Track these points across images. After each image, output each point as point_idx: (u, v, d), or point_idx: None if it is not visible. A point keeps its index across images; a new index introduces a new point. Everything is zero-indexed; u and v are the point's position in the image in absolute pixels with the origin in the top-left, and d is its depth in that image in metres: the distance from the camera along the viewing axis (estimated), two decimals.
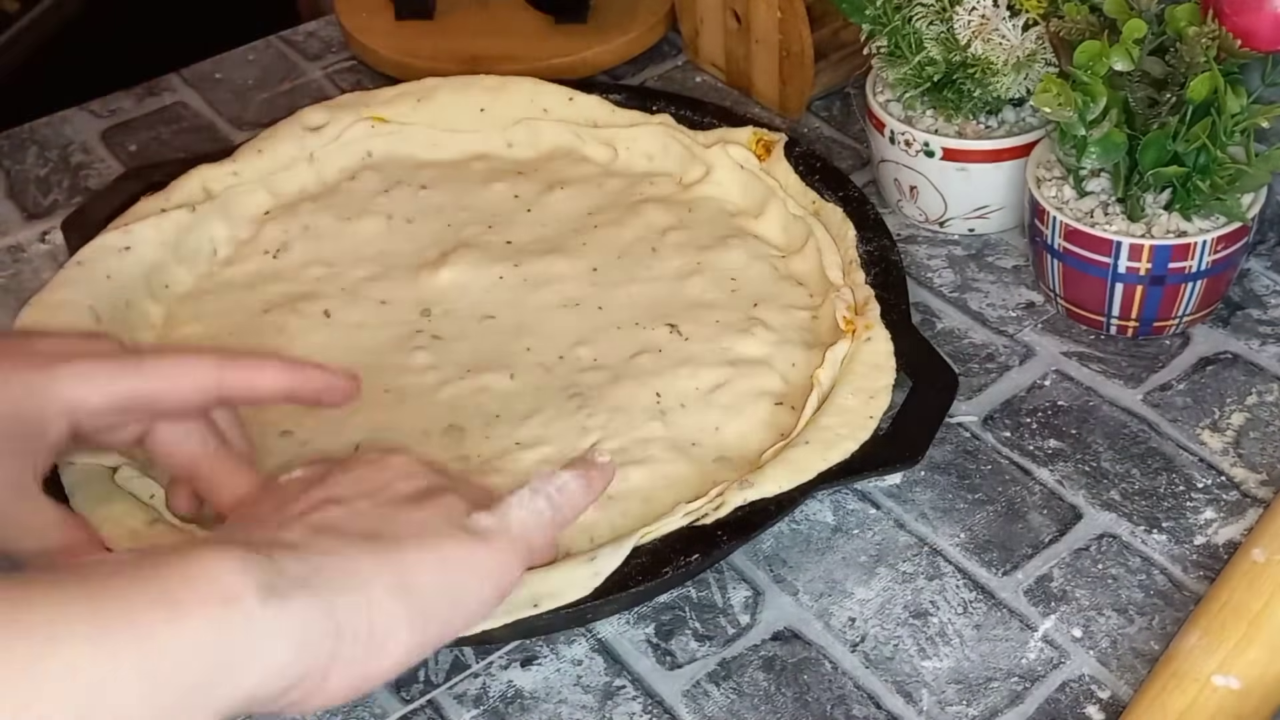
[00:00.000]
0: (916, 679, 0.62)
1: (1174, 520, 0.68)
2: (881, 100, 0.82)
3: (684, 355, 0.73)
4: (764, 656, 0.64)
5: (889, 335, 0.71)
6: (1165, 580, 0.65)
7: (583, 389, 0.72)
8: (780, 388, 0.71)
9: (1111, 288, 0.74)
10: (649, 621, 0.65)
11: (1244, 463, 0.70)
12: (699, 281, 0.78)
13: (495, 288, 0.78)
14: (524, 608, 0.59)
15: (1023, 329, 0.78)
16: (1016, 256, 0.82)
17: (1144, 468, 0.70)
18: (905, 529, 0.68)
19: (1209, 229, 0.72)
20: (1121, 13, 0.69)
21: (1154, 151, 0.70)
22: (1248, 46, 0.67)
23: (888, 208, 0.85)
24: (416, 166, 0.87)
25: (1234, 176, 0.70)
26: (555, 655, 0.65)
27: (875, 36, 0.80)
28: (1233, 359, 0.75)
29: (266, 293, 0.79)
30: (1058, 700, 0.61)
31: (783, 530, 0.69)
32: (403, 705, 0.63)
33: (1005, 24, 0.75)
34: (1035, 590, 0.65)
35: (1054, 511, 0.69)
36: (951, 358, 0.75)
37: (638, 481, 0.67)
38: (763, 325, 0.74)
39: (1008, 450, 0.72)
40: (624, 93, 0.90)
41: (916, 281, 0.81)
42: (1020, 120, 0.81)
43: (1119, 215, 0.73)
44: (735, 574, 0.67)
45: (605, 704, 0.62)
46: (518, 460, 0.68)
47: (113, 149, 0.97)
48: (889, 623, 0.64)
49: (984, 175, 0.80)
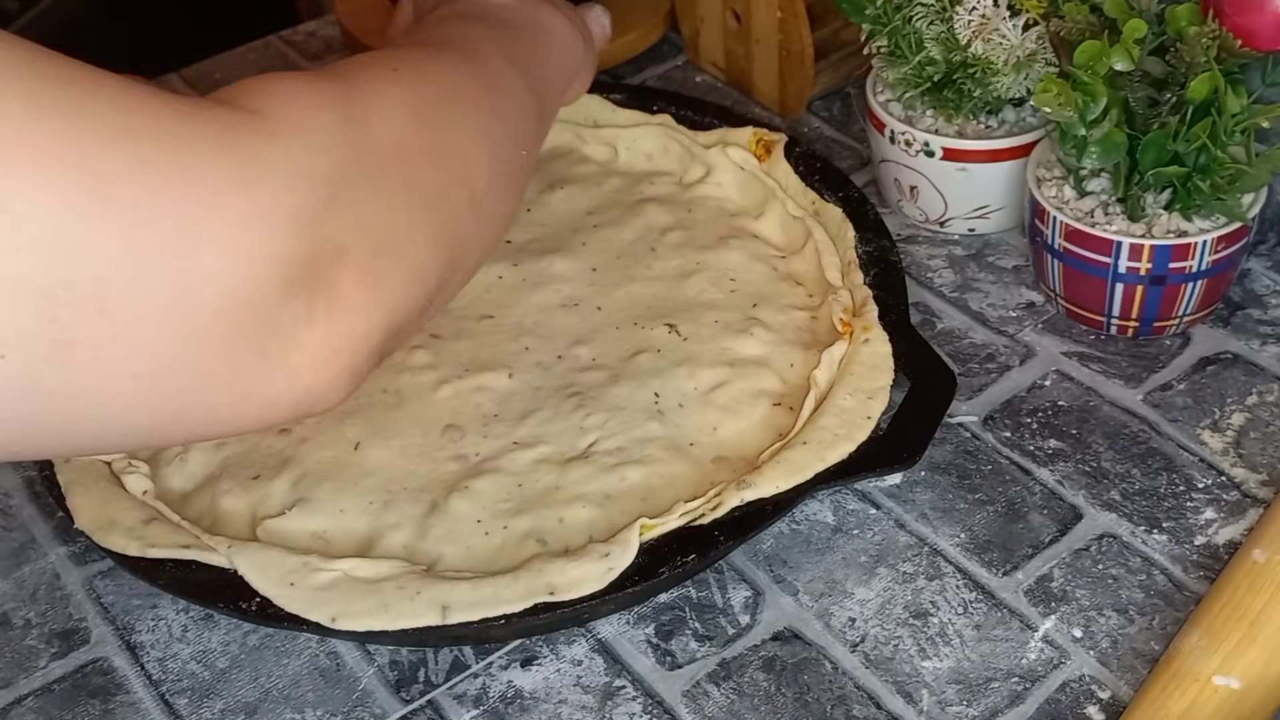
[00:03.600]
0: (917, 679, 0.62)
1: (1174, 520, 0.68)
2: (881, 100, 0.82)
3: (683, 355, 0.73)
4: (764, 657, 0.64)
5: (887, 336, 0.71)
6: (1165, 580, 0.65)
7: (581, 389, 0.72)
8: (779, 388, 0.71)
9: (1112, 288, 0.74)
10: (649, 622, 0.65)
11: (1244, 463, 0.70)
12: (698, 281, 0.77)
13: (494, 287, 0.78)
14: (540, 594, 0.60)
15: (1023, 329, 0.78)
16: (1016, 256, 0.82)
17: (1144, 468, 0.70)
18: (905, 529, 0.68)
19: (1209, 229, 0.72)
20: (1122, 13, 0.69)
21: (1154, 151, 0.70)
22: (1248, 46, 0.67)
23: (888, 208, 0.85)
24: None
25: (1234, 176, 0.70)
26: (555, 655, 0.65)
27: (875, 36, 0.80)
28: (1233, 359, 0.75)
29: None
30: (1058, 700, 0.61)
31: (783, 530, 0.68)
32: (403, 705, 0.63)
33: (1005, 24, 0.75)
34: (1035, 590, 0.65)
35: (1054, 511, 0.68)
36: (952, 358, 0.75)
37: (636, 481, 0.67)
38: (761, 325, 0.74)
39: (1008, 450, 0.71)
40: (624, 92, 0.90)
41: (917, 281, 0.81)
42: (1020, 120, 0.81)
43: (1119, 215, 0.73)
44: (735, 574, 0.67)
45: (605, 704, 0.62)
46: (516, 460, 0.68)
47: None
48: (889, 623, 0.64)
49: (984, 175, 0.80)
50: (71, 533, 0.70)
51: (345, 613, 0.60)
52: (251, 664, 0.65)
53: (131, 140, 0.41)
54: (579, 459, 0.68)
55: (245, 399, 0.45)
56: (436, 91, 0.55)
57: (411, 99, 0.53)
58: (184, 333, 0.42)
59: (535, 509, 0.66)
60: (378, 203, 0.48)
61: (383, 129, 0.50)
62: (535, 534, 0.65)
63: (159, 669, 0.65)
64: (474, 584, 0.61)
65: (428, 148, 0.52)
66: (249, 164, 0.44)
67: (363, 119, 0.49)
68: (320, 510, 0.67)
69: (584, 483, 0.67)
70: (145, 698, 0.64)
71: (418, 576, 0.62)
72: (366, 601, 0.61)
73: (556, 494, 0.67)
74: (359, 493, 0.67)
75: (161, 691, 0.65)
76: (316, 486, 0.67)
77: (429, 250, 0.51)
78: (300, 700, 0.64)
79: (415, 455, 0.69)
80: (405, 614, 0.60)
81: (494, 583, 0.61)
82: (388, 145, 0.50)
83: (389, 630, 0.60)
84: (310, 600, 0.61)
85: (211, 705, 0.64)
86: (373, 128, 0.49)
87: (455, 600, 0.60)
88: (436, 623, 0.60)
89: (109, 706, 0.64)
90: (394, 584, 0.61)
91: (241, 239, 0.43)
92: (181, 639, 0.67)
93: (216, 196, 0.42)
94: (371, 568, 0.62)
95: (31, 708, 0.64)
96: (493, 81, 0.59)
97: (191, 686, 0.65)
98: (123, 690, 0.65)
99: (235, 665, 0.65)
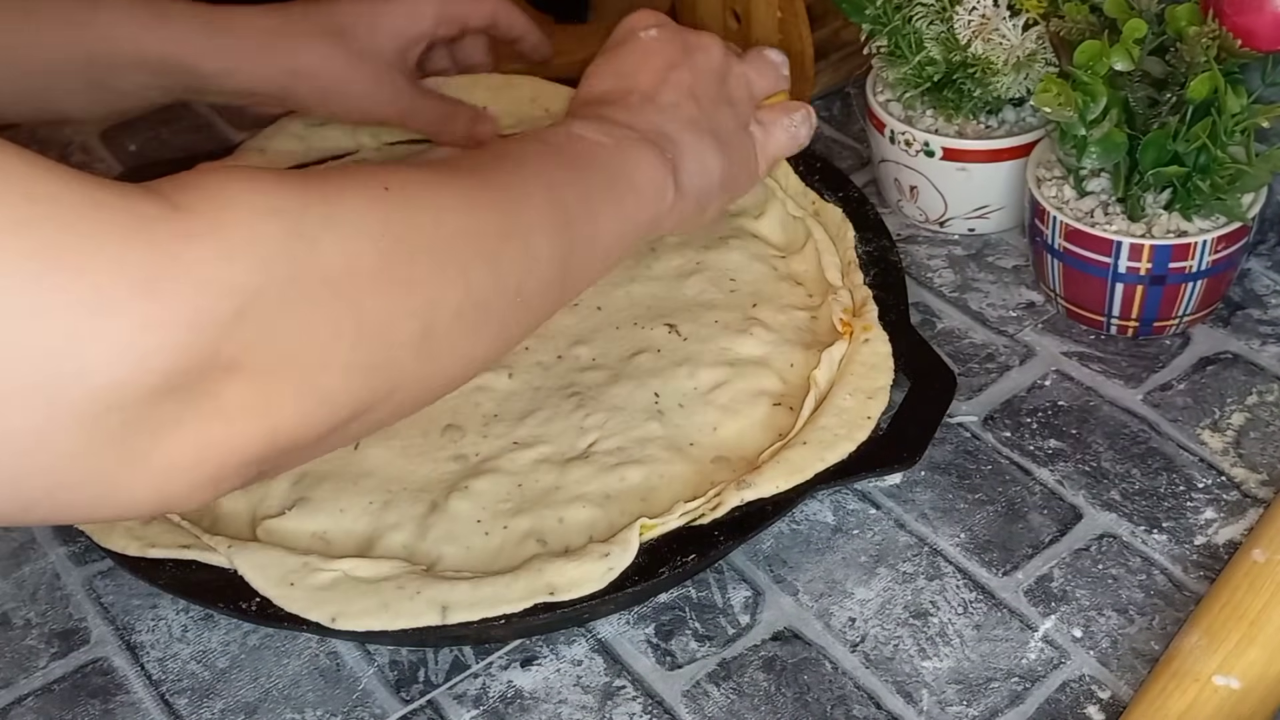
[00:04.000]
0: (917, 679, 0.62)
1: (1174, 520, 0.68)
2: (881, 100, 0.82)
3: (682, 355, 0.73)
4: (764, 657, 0.64)
5: (887, 336, 0.71)
6: (1165, 580, 0.65)
7: (581, 388, 0.72)
8: (779, 388, 0.71)
9: (1112, 288, 0.74)
10: (649, 622, 0.65)
11: (1244, 463, 0.70)
12: (698, 281, 0.77)
13: None
14: (540, 594, 0.60)
15: (1023, 329, 0.78)
16: (1016, 256, 0.82)
17: (1144, 468, 0.70)
18: (905, 529, 0.68)
19: (1209, 229, 0.72)
20: (1122, 12, 0.69)
21: (1154, 151, 0.69)
22: (1248, 46, 0.67)
23: (888, 208, 0.85)
24: None
25: (1234, 176, 0.70)
26: (555, 655, 0.65)
27: (875, 36, 0.80)
28: (1233, 359, 0.75)
29: None
30: (1058, 700, 0.61)
31: (783, 530, 0.68)
32: (403, 705, 0.63)
33: (1005, 24, 0.75)
34: (1035, 590, 0.65)
35: (1054, 511, 0.68)
36: (951, 358, 0.75)
37: (635, 481, 0.67)
38: (761, 325, 0.74)
39: (1008, 450, 0.71)
40: None
41: (917, 281, 0.81)
42: (1020, 120, 0.81)
43: (1119, 215, 0.73)
44: (735, 574, 0.67)
45: (605, 704, 0.62)
46: (516, 460, 0.68)
47: (113, 149, 0.97)
48: (889, 623, 0.64)
49: (984, 175, 0.80)
50: (71, 532, 0.70)
51: (345, 613, 0.60)
52: (251, 664, 0.65)
53: (30, 232, 0.39)
54: (579, 459, 0.68)
55: (102, 497, 0.44)
56: (424, 220, 0.51)
57: (384, 224, 0.49)
58: (45, 426, 0.40)
59: (535, 509, 0.66)
60: (295, 324, 0.45)
61: (333, 250, 0.47)
62: (535, 534, 0.65)
63: (159, 669, 0.65)
64: (474, 584, 0.61)
65: (384, 277, 0.49)
66: (156, 266, 0.42)
67: (313, 237, 0.46)
68: (320, 510, 0.67)
69: (584, 483, 0.67)
70: (145, 698, 0.64)
71: (418, 576, 0.62)
72: (366, 601, 0.61)
73: (556, 494, 0.67)
74: (359, 493, 0.67)
75: (161, 691, 0.65)
76: (316, 486, 0.67)
77: (346, 378, 0.48)
78: (300, 700, 0.64)
79: (415, 455, 0.69)
80: (405, 614, 0.60)
81: (494, 583, 0.61)
82: (333, 268, 0.47)
83: (389, 630, 0.60)
84: (310, 600, 0.61)
85: (211, 705, 0.64)
86: (321, 247, 0.46)
87: (455, 600, 0.60)
88: (436, 623, 0.60)
89: (109, 706, 0.64)
90: (394, 584, 0.61)
91: (129, 343, 0.41)
92: (181, 639, 0.67)
93: (113, 298, 0.40)
94: (371, 568, 0.62)
95: (31, 708, 0.64)
96: (506, 223, 0.55)
97: (191, 686, 0.65)
98: (123, 690, 0.65)
99: (235, 665, 0.65)
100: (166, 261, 0.42)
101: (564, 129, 0.64)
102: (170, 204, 0.43)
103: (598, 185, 0.62)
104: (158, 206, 0.43)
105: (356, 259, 0.48)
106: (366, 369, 0.49)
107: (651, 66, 0.69)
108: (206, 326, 0.42)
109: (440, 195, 0.53)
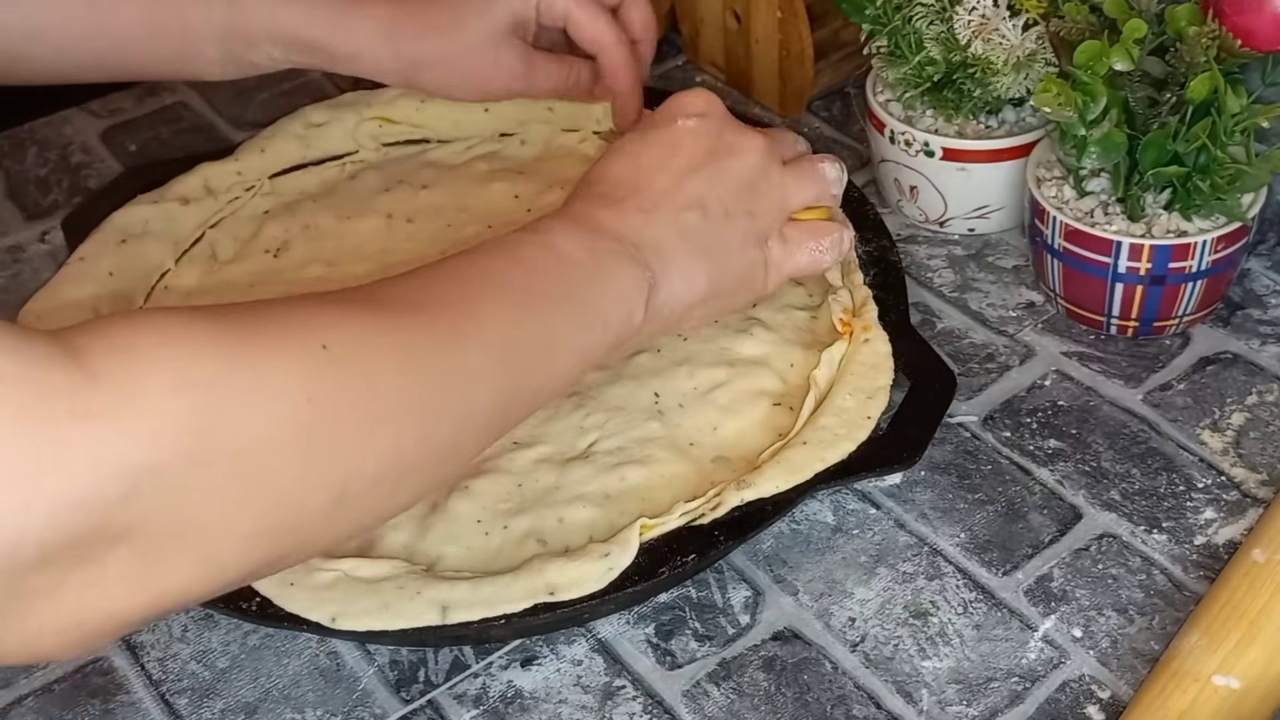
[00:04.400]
0: (916, 679, 0.62)
1: (1174, 520, 0.68)
2: (881, 100, 0.82)
3: (682, 355, 0.73)
4: (764, 656, 0.64)
5: (887, 336, 0.71)
6: (1165, 580, 0.65)
7: (581, 388, 0.72)
8: (778, 388, 0.71)
9: (1111, 288, 0.74)
10: (649, 621, 0.65)
11: (1244, 463, 0.70)
12: None
13: None
14: (540, 594, 0.60)
15: (1023, 329, 0.78)
16: (1016, 256, 0.82)
17: (1144, 468, 0.70)
18: (905, 529, 0.68)
19: (1209, 229, 0.72)
20: (1121, 13, 0.69)
21: (1154, 151, 0.70)
22: (1248, 46, 0.67)
23: (888, 208, 0.85)
24: (417, 166, 0.87)
25: (1234, 176, 0.70)
26: (555, 655, 0.65)
27: (875, 36, 0.80)
28: (1233, 359, 0.75)
29: (267, 291, 0.79)
30: (1058, 700, 0.61)
31: (783, 530, 0.69)
32: (403, 705, 0.63)
33: (1005, 24, 0.75)
34: (1035, 590, 0.65)
35: (1054, 511, 0.68)
36: (951, 358, 0.75)
37: (636, 481, 0.67)
38: (761, 325, 0.74)
39: (1008, 450, 0.71)
40: None
41: (916, 281, 0.81)
42: (1020, 120, 0.81)
43: (1119, 215, 0.73)
44: (735, 574, 0.67)
45: (605, 704, 0.62)
46: (516, 459, 0.68)
47: (113, 149, 0.97)
48: (889, 623, 0.64)
49: (984, 175, 0.80)
50: None
51: (345, 612, 0.60)
52: (251, 664, 0.65)
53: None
54: (579, 459, 0.68)
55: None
56: (357, 386, 0.48)
57: (312, 391, 0.47)
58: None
59: (535, 509, 0.66)
60: (197, 497, 0.44)
61: (251, 422, 0.45)
62: (535, 534, 0.65)
63: (159, 669, 0.65)
64: (474, 584, 0.61)
65: (303, 448, 0.46)
66: (48, 445, 0.40)
67: (232, 409, 0.44)
68: None
69: (584, 483, 0.67)
70: (145, 698, 0.64)
71: (418, 576, 0.62)
72: (366, 601, 0.61)
73: (556, 494, 0.67)
74: None
75: (161, 691, 0.65)
76: None
77: (242, 545, 0.46)
78: (300, 700, 0.64)
79: None
80: (405, 614, 0.60)
81: (494, 583, 0.61)
82: (247, 440, 0.45)
83: (389, 630, 0.60)
84: (310, 600, 0.61)
85: (211, 705, 0.64)
86: (238, 420, 0.44)
87: (455, 600, 0.60)
88: (436, 623, 0.60)
89: (109, 706, 0.64)
90: (394, 584, 0.61)
91: (12, 519, 0.39)
92: (181, 639, 0.67)
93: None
94: (371, 568, 0.62)
95: (31, 708, 0.64)
96: (447, 380, 0.53)
97: (192, 686, 0.65)
98: (123, 690, 0.65)
99: (235, 665, 0.65)
100: (59, 441, 0.40)
101: (544, 238, 0.61)
102: (83, 372, 0.41)
103: (562, 319, 0.59)
104: (67, 376, 0.41)
105: (275, 429, 0.46)
106: (271, 534, 0.47)
107: (672, 168, 0.65)
108: (94, 505, 0.41)
109: (378, 355, 0.50)
